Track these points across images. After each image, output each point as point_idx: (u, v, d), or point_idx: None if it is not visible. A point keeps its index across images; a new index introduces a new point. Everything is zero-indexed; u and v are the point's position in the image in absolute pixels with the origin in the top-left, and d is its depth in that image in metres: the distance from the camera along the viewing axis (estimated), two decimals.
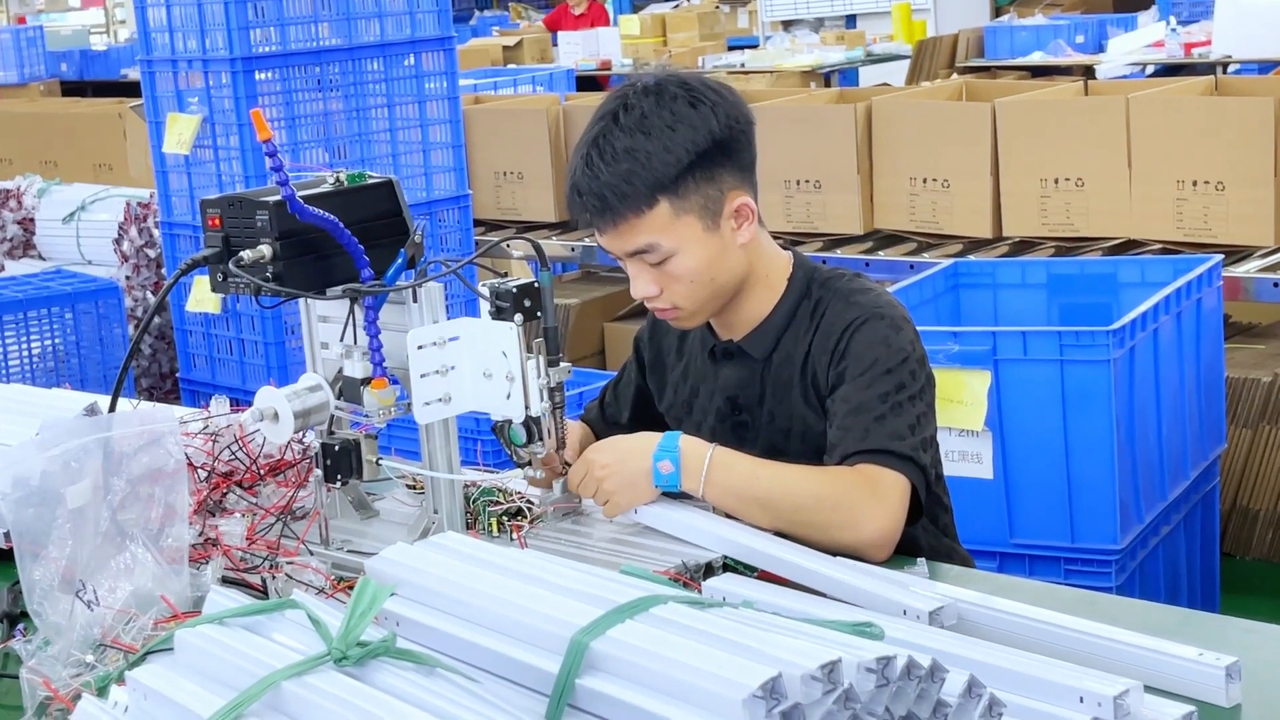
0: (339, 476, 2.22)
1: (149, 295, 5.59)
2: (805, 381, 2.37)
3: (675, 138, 2.25)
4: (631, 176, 2.25)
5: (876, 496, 2.18)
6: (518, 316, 2.14)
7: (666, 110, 2.26)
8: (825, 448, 2.28)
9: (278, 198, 2.09)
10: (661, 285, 2.32)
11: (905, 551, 2.19)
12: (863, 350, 2.29)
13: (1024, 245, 5.22)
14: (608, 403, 2.70)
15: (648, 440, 2.27)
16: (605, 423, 2.67)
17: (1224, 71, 8.34)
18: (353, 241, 2.12)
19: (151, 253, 5.64)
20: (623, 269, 2.38)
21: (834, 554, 2.12)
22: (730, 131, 2.30)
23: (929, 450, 2.28)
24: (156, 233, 5.52)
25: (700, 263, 2.31)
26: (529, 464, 2.25)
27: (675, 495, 2.27)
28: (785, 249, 2.48)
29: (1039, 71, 9.18)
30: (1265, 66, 8.28)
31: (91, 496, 1.89)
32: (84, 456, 1.91)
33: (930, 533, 2.37)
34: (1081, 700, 1.53)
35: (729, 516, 2.23)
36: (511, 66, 11.06)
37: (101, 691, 1.64)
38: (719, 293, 2.36)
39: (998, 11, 12.68)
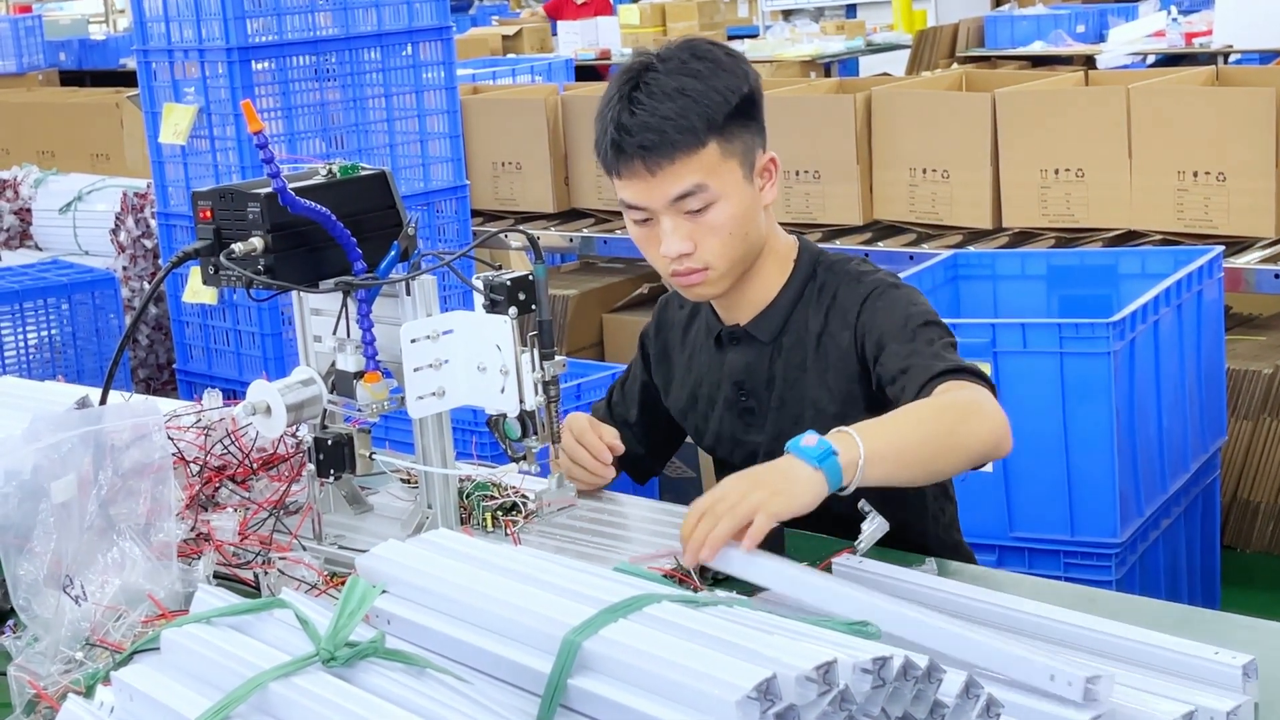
0: (332, 471, 2.20)
1: (146, 286, 5.58)
2: (822, 363, 2.35)
3: (720, 81, 2.25)
4: (687, 111, 2.22)
5: (976, 402, 2.11)
6: (512, 310, 2.12)
7: (706, 60, 2.27)
8: None
9: (269, 190, 2.07)
10: (696, 239, 2.27)
11: (914, 548, 2.16)
12: (891, 314, 2.28)
13: (1024, 236, 5.21)
14: (615, 401, 2.68)
15: (782, 464, 1.97)
16: (614, 420, 2.61)
17: (1225, 61, 8.32)
18: (345, 234, 2.11)
19: (148, 243, 5.62)
20: (622, 261, 2.37)
21: (992, 458, 2.11)
22: (754, 90, 2.30)
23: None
24: (153, 223, 5.51)
25: (739, 211, 2.28)
26: (524, 458, 2.23)
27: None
28: (789, 234, 2.47)
29: (1039, 61, 9.16)
30: (1266, 56, 8.26)
31: (78, 491, 1.87)
32: (72, 450, 1.89)
33: (940, 525, 2.35)
34: (1052, 678, 1.50)
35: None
36: (510, 56, 11.03)
37: (89, 690, 1.62)
38: (749, 253, 2.33)
39: (998, 1, 12.65)
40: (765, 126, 2.35)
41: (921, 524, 2.30)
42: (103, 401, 2.32)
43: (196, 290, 4.86)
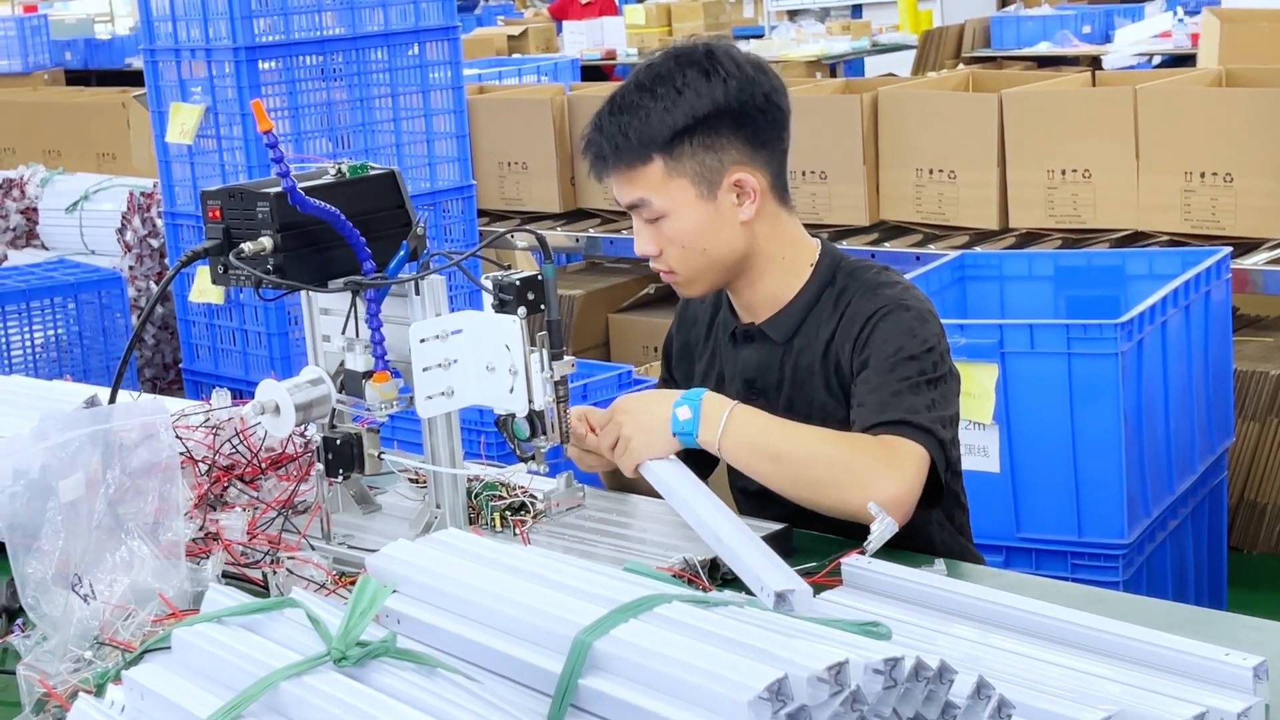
0: (341, 470, 2.20)
1: (152, 285, 5.58)
2: (828, 369, 2.36)
3: (679, 101, 2.29)
4: (628, 129, 2.30)
5: (891, 462, 2.16)
6: (521, 309, 2.12)
7: (680, 74, 2.30)
8: None
9: (278, 189, 2.07)
10: (659, 245, 2.36)
11: (922, 549, 2.17)
12: (887, 338, 2.28)
13: (1030, 237, 5.20)
14: None
15: (672, 392, 2.29)
16: None
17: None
18: (354, 233, 2.10)
19: (155, 243, 5.62)
20: (628, 261, 2.40)
21: (844, 518, 2.13)
22: (742, 106, 2.30)
23: (949, 429, 2.25)
24: (160, 223, 5.51)
25: (690, 228, 2.33)
26: (533, 458, 2.23)
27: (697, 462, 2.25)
28: (814, 236, 2.47)
29: (1045, 62, 9.16)
30: None
31: (86, 489, 1.87)
32: (81, 449, 1.89)
33: (947, 530, 2.35)
34: None
35: (762, 496, 2.21)
36: (516, 56, 11.03)
37: (99, 690, 1.62)
38: (715, 264, 2.36)
39: (1004, 2, 12.64)
40: (770, 140, 2.34)
41: (929, 527, 2.30)
42: (111, 401, 2.32)
43: (203, 290, 4.86)
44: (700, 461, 2.34)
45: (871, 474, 2.12)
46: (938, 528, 2.30)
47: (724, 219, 2.33)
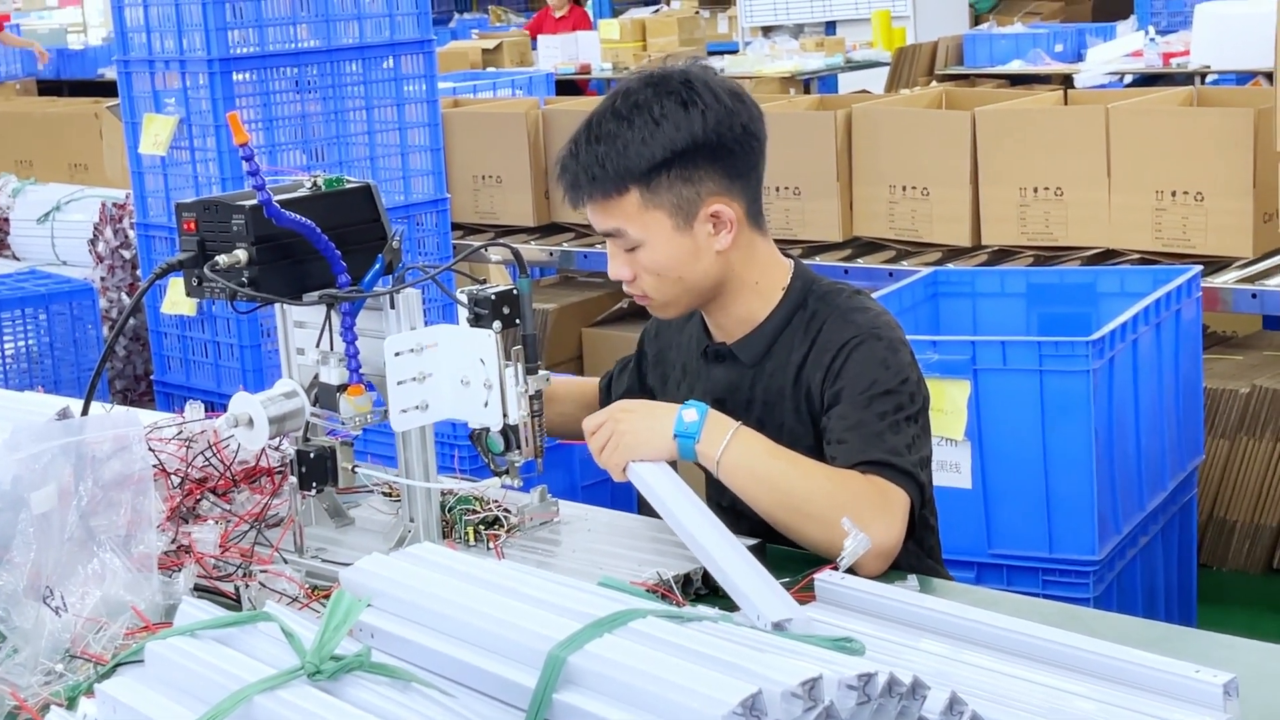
0: (314, 484, 2.20)
1: (124, 296, 5.56)
2: (799, 394, 2.37)
3: (657, 132, 2.27)
4: (605, 160, 2.28)
5: (885, 507, 2.17)
6: (496, 324, 2.12)
7: (658, 104, 2.28)
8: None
9: (254, 202, 2.07)
10: (634, 271, 2.36)
11: (892, 569, 2.18)
12: (860, 371, 2.29)
13: (1003, 254, 5.22)
14: (614, 377, 2.73)
15: (677, 405, 2.27)
16: (610, 398, 2.68)
17: (1202, 82, 8.36)
18: (330, 247, 2.10)
19: (127, 254, 5.60)
20: (602, 276, 2.39)
21: (820, 552, 2.12)
22: (720, 138, 2.29)
23: (927, 469, 2.28)
24: (132, 234, 5.49)
25: (666, 259, 2.33)
26: (507, 472, 2.23)
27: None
28: (787, 257, 2.47)
29: (1018, 80, 9.18)
30: (1243, 77, 8.29)
31: (58, 501, 1.87)
32: (53, 461, 1.89)
33: (913, 554, 2.35)
34: None
35: (732, 512, 2.22)
36: (491, 70, 11.03)
37: (71, 703, 1.62)
38: (690, 291, 2.37)
39: (977, 20, 12.69)
40: (747, 170, 2.34)
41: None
42: (84, 412, 2.31)
43: (175, 301, 4.84)
44: None
45: (866, 518, 2.10)
46: (904, 554, 2.31)
47: (700, 249, 2.33)
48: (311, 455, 2.18)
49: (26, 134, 8.40)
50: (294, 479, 2.21)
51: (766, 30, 12.65)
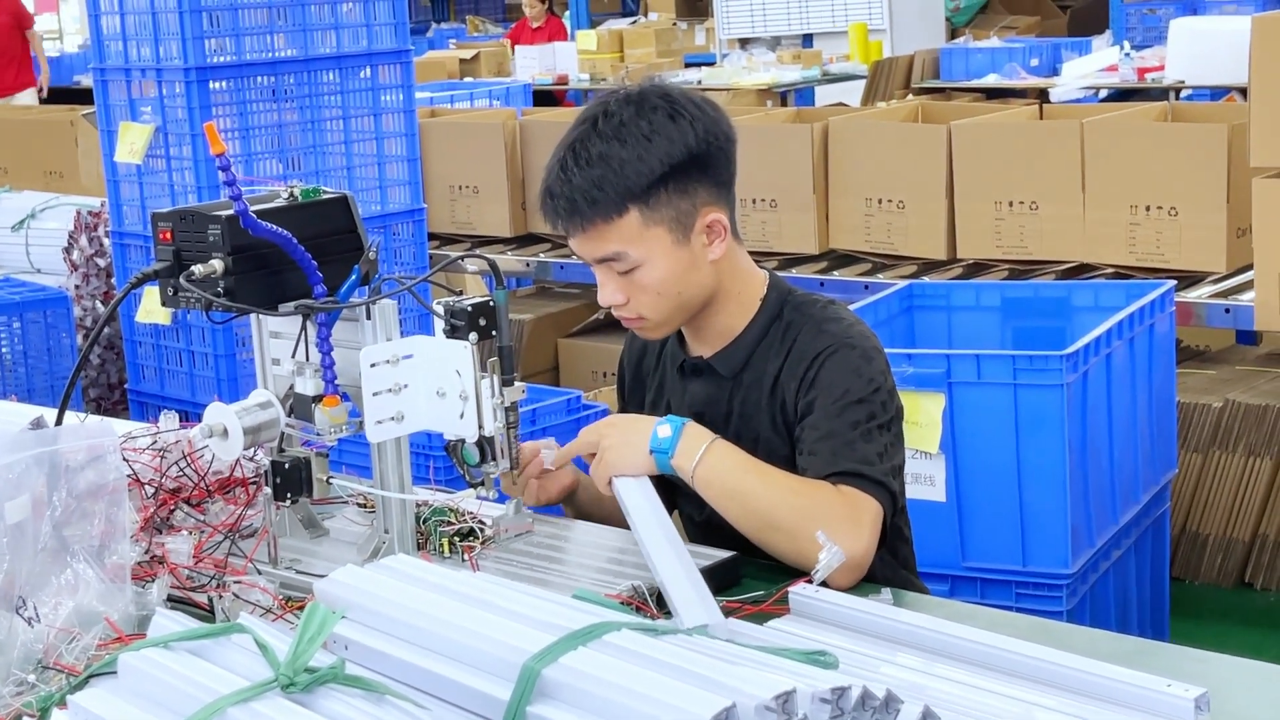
0: (289, 494, 2.19)
1: (98, 305, 5.54)
2: (774, 405, 2.37)
3: (651, 148, 2.26)
4: (603, 182, 2.25)
5: (855, 519, 2.18)
6: (472, 335, 2.12)
7: (645, 120, 2.27)
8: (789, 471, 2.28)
9: (230, 212, 2.07)
10: (628, 294, 2.33)
11: (865, 581, 2.18)
12: (833, 380, 2.29)
13: (978, 267, 5.24)
14: None
15: (655, 417, 2.31)
16: None
17: (1177, 97, 8.41)
18: (306, 257, 2.10)
19: (101, 262, 5.58)
20: (578, 286, 2.39)
21: (793, 564, 2.13)
22: (708, 147, 2.30)
23: (899, 477, 2.28)
24: (107, 242, 5.46)
25: (667, 275, 2.31)
26: (482, 484, 2.23)
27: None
28: (761, 268, 2.48)
29: (993, 93, 9.22)
30: (1218, 92, 8.35)
31: (32, 511, 1.86)
32: (27, 471, 1.88)
33: (888, 564, 2.36)
34: None
35: (707, 526, 2.20)
36: (468, 80, 11.03)
37: (43, 714, 1.61)
38: (685, 305, 2.36)
39: (953, 33, 12.73)
40: (729, 177, 2.35)
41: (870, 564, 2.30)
42: (58, 422, 2.30)
43: (150, 310, 4.83)
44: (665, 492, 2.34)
45: (836, 530, 2.11)
46: (879, 564, 2.31)
47: (697, 261, 2.34)
48: (286, 466, 2.18)
49: (1, 141, 8.37)
50: (268, 490, 2.20)
51: (744, 42, 12.66)
